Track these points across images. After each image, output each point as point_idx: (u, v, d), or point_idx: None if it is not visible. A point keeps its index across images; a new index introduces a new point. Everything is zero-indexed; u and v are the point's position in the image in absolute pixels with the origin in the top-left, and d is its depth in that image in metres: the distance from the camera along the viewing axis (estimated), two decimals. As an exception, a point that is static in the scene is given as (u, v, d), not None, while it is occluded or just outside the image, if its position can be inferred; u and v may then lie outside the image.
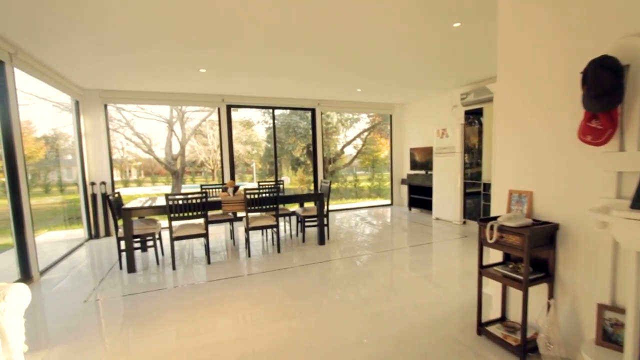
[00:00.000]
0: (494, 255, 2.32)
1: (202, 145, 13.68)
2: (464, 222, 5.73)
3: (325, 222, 4.74)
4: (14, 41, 3.23)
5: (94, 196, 5.33)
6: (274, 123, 7.05)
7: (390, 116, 7.86)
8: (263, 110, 13.38)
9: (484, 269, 2.13)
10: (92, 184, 5.34)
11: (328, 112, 12.41)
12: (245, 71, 4.53)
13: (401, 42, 3.56)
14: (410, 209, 7.34)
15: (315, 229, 5.15)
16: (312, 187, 7.40)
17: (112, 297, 2.97)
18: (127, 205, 3.81)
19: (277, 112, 13.06)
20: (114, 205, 3.66)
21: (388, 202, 8.31)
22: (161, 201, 3.91)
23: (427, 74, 4.98)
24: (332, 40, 3.45)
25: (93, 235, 5.34)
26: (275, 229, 4.28)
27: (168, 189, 14.50)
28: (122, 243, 3.62)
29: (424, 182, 6.78)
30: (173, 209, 3.61)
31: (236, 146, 14.32)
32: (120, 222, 3.67)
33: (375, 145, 15.05)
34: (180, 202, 3.64)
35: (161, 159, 12.75)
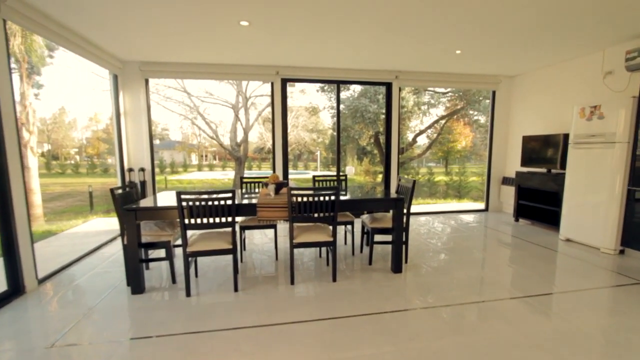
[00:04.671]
0: None
1: (269, 132, 13.15)
2: (622, 251, 3.70)
3: (404, 239, 3.30)
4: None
5: (131, 185, 4.70)
6: (338, 103, 5.66)
7: (493, 93, 5.87)
8: (328, 93, 12.16)
9: None
10: (130, 170, 4.71)
11: (408, 87, 10.41)
12: (300, 23, 3.25)
13: None
14: (517, 220, 5.38)
15: (386, 246, 3.67)
16: (378, 179, 5.91)
17: (85, 345, 2.02)
18: (144, 202, 2.91)
19: (343, 95, 11.66)
20: (120, 203, 2.76)
21: (481, 206, 6.38)
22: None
23: (569, 21, 3.06)
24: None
25: (130, 228, 4.75)
26: (331, 247, 2.99)
27: (233, 175, 14.44)
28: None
29: (546, 184, 4.78)
30: (187, 213, 2.57)
31: (302, 134, 13.48)
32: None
33: (453, 135, 12.78)
34: (197, 203, 2.58)
35: (226, 145, 12.53)
